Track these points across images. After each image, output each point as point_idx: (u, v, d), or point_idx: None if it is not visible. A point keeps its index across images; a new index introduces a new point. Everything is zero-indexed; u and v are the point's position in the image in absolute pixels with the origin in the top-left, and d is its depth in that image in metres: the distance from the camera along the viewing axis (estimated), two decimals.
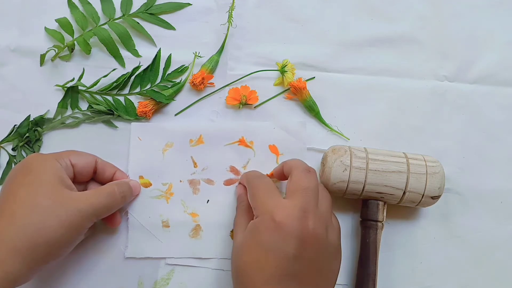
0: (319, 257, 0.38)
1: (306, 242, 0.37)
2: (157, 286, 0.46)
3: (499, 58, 0.53)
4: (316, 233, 0.38)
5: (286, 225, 0.37)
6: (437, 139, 0.51)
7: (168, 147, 0.49)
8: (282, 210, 0.38)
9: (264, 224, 0.38)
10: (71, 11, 0.51)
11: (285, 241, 0.37)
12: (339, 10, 0.53)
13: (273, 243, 0.37)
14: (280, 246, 0.37)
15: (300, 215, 0.38)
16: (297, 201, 0.39)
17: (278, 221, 0.37)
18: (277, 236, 0.37)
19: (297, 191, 0.40)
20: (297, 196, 0.39)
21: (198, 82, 0.49)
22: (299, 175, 0.41)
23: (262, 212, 0.39)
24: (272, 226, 0.38)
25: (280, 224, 0.37)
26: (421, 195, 0.44)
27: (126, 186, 0.45)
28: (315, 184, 0.40)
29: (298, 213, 0.38)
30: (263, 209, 0.39)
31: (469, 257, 0.48)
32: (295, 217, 0.38)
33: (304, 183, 0.40)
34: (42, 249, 0.37)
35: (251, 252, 0.38)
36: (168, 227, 0.47)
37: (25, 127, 0.49)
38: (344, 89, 0.51)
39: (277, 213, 0.38)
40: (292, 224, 0.37)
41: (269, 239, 0.37)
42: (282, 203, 0.39)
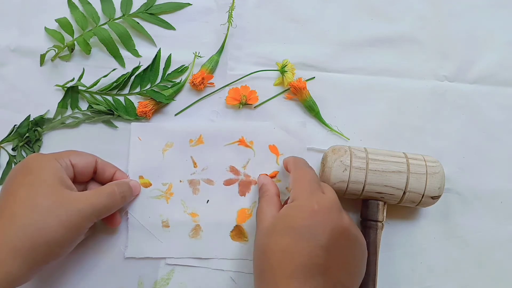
0: (348, 254, 0.38)
1: (340, 235, 0.38)
2: (157, 286, 0.46)
3: (499, 58, 0.53)
4: (350, 228, 0.39)
5: (323, 215, 0.38)
6: (437, 139, 0.51)
7: (168, 147, 0.49)
8: (322, 200, 0.39)
9: (301, 210, 0.38)
10: (71, 11, 0.51)
11: (320, 230, 0.37)
12: (339, 10, 0.53)
13: (308, 230, 0.37)
14: (314, 234, 0.37)
15: (338, 209, 0.39)
16: (333, 196, 0.40)
17: (317, 210, 0.38)
18: (313, 223, 0.37)
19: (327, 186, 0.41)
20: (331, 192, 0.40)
21: (198, 82, 0.49)
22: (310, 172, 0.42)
23: (302, 198, 0.39)
24: (309, 213, 0.38)
25: (318, 213, 0.38)
26: (421, 195, 0.44)
27: (126, 186, 0.45)
28: None
29: (337, 206, 0.39)
30: (303, 195, 0.39)
31: (469, 257, 0.48)
32: (334, 209, 0.39)
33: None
34: (42, 249, 0.37)
35: (283, 237, 0.37)
36: (168, 227, 0.47)
37: (25, 127, 0.49)
38: (344, 89, 0.51)
39: (317, 201, 0.38)
40: (330, 215, 0.38)
41: (303, 225, 0.37)
42: (322, 195, 0.40)
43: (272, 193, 0.44)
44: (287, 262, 0.36)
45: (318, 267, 0.36)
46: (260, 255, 0.39)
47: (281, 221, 0.39)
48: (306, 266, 0.36)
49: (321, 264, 0.36)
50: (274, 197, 0.44)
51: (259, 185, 0.47)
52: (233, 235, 0.47)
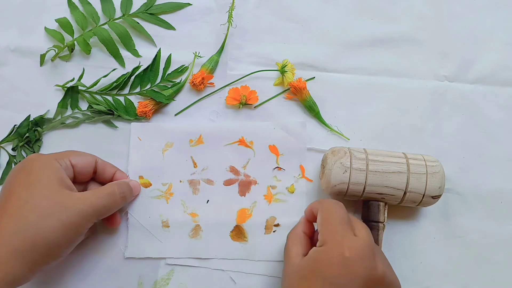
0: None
1: (374, 285, 0.35)
2: (157, 286, 0.46)
3: (499, 58, 0.53)
4: (385, 275, 0.36)
5: (355, 263, 0.35)
6: (437, 139, 0.51)
7: (168, 147, 0.49)
8: (354, 245, 0.36)
9: (331, 256, 0.36)
10: (71, 11, 0.51)
11: (352, 280, 0.35)
12: (339, 10, 0.53)
13: (338, 279, 0.35)
14: (346, 283, 0.35)
15: (372, 254, 0.36)
16: (366, 238, 0.37)
17: (348, 257, 0.35)
18: (344, 272, 0.35)
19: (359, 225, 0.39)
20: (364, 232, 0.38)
21: (198, 82, 0.49)
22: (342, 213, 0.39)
23: (331, 242, 0.37)
24: (340, 261, 0.35)
25: (350, 260, 0.35)
26: (421, 195, 0.44)
27: (126, 186, 0.45)
28: None
29: (369, 251, 0.36)
30: (333, 239, 0.37)
31: (469, 257, 0.48)
32: (366, 256, 0.36)
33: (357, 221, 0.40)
34: (42, 250, 0.37)
35: (311, 284, 0.35)
36: (168, 227, 0.47)
37: (25, 127, 0.49)
38: (344, 89, 0.51)
39: (348, 247, 0.36)
40: (362, 263, 0.35)
41: (334, 274, 0.35)
42: (354, 238, 0.37)
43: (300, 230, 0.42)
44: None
45: None
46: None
47: (310, 266, 0.37)
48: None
49: None
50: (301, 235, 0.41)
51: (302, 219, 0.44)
52: (233, 235, 0.47)
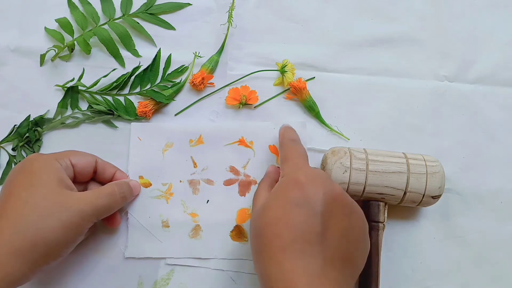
0: (345, 220, 0.36)
1: (334, 201, 0.36)
2: (157, 286, 0.46)
3: (499, 58, 0.53)
4: (343, 194, 0.37)
5: (313, 183, 0.37)
6: (437, 139, 0.51)
7: (168, 147, 0.49)
8: (309, 172, 0.39)
9: (291, 181, 0.38)
10: (71, 11, 0.51)
11: (312, 197, 0.36)
12: (339, 10, 0.53)
13: (300, 199, 0.36)
14: (307, 201, 0.36)
15: (327, 178, 0.39)
16: (322, 171, 0.41)
17: (305, 181, 0.37)
18: (305, 192, 0.36)
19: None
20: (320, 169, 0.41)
21: (198, 82, 0.49)
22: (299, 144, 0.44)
23: (290, 171, 0.40)
24: (299, 184, 0.37)
25: (308, 183, 0.37)
26: (421, 195, 0.44)
27: (126, 186, 0.45)
28: None
29: (325, 176, 0.39)
30: (290, 171, 0.40)
31: (469, 257, 0.48)
32: (323, 179, 0.38)
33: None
34: (42, 250, 0.37)
35: (277, 209, 0.37)
36: (168, 227, 0.47)
37: (25, 127, 0.49)
38: (344, 89, 0.51)
39: (304, 173, 0.38)
40: (319, 183, 0.37)
41: (295, 195, 0.36)
42: (309, 167, 0.41)
43: (271, 177, 0.45)
44: (283, 234, 0.35)
45: (315, 235, 0.35)
46: (255, 234, 0.37)
47: (273, 196, 0.38)
48: (303, 235, 0.35)
49: (318, 232, 0.35)
50: (273, 181, 0.44)
51: (267, 170, 0.47)
52: (233, 235, 0.47)
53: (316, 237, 0.35)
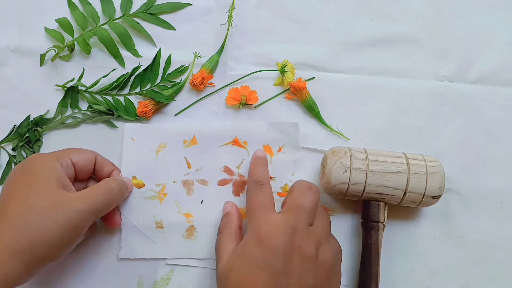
0: (307, 275, 0.37)
1: (293, 258, 0.37)
2: (156, 286, 0.46)
3: (499, 58, 0.53)
4: (302, 249, 0.37)
5: (271, 241, 0.37)
6: (437, 139, 0.50)
7: (161, 147, 0.49)
8: (270, 225, 0.38)
9: (252, 240, 0.38)
10: (71, 11, 0.51)
11: (272, 257, 0.37)
12: (339, 10, 0.53)
13: (261, 259, 0.37)
14: (268, 261, 0.36)
15: (287, 231, 0.38)
16: (287, 217, 0.39)
17: (264, 237, 0.38)
18: (265, 252, 0.37)
19: (290, 208, 0.40)
20: (289, 213, 0.39)
21: (198, 82, 0.49)
22: (297, 192, 0.41)
23: (251, 227, 0.40)
24: (259, 241, 0.38)
25: (266, 240, 0.37)
26: (421, 195, 0.44)
27: (121, 182, 0.45)
28: (312, 202, 0.40)
29: (286, 229, 0.38)
30: (252, 223, 0.40)
31: (469, 257, 0.48)
32: (282, 233, 0.38)
33: (299, 200, 0.40)
34: (40, 250, 0.37)
35: (240, 270, 0.37)
36: (162, 227, 0.47)
37: (25, 127, 0.49)
38: (344, 89, 0.51)
39: (264, 228, 0.38)
40: (278, 240, 0.37)
41: (257, 255, 0.37)
42: (272, 218, 0.39)
43: (234, 226, 0.43)
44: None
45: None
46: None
47: (236, 257, 0.39)
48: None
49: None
50: (237, 231, 0.43)
51: (224, 212, 0.46)
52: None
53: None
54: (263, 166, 0.46)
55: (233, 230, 0.43)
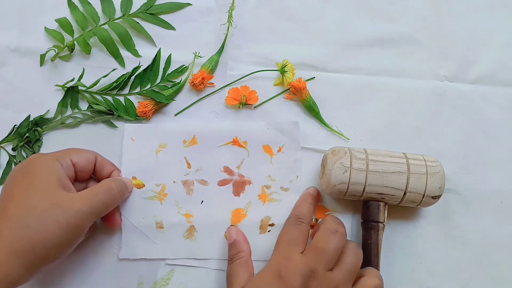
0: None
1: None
2: (156, 286, 0.46)
3: (499, 58, 0.53)
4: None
5: (289, 279, 0.37)
6: (437, 139, 0.50)
7: (161, 148, 0.49)
8: (291, 263, 0.39)
9: (271, 274, 0.39)
10: (71, 11, 0.51)
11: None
12: (339, 10, 0.53)
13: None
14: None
15: (305, 273, 0.38)
16: (307, 258, 0.39)
17: (283, 274, 0.38)
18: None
19: (312, 249, 0.40)
20: (310, 253, 0.39)
21: (198, 82, 0.49)
22: (322, 234, 0.40)
23: (275, 260, 0.40)
24: (278, 277, 0.38)
25: (284, 278, 0.38)
26: (421, 195, 0.44)
27: (121, 182, 0.45)
28: (335, 246, 0.40)
29: (304, 270, 0.38)
30: (277, 257, 0.40)
31: (469, 257, 0.48)
32: (300, 274, 0.38)
33: (322, 243, 0.40)
34: (40, 251, 0.37)
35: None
36: (162, 228, 0.47)
37: (25, 127, 0.49)
38: (344, 89, 0.51)
39: (285, 264, 0.39)
40: (295, 280, 0.37)
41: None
42: (295, 256, 0.39)
43: (245, 255, 0.43)
44: None
45: None
46: None
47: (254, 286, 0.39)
48: None
49: None
50: (248, 259, 0.43)
51: (230, 240, 0.45)
52: None
53: None
54: (311, 206, 0.46)
55: (245, 260, 0.43)
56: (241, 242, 0.45)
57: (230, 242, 0.45)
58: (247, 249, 0.44)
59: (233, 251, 0.44)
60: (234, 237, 0.45)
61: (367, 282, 0.40)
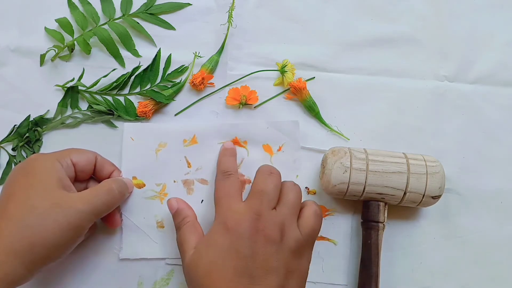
0: (271, 258, 0.38)
1: (257, 242, 0.38)
2: (156, 286, 0.46)
3: (499, 58, 0.53)
4: (266, 233, 0.38)
5: (237, 227, 0.38)
6: (437, 139, 0.51)
7: (161, 147, 0.49)
8: (235, 212, 0.40)
9: (219, 228, 0.39)
10: (71, 11, 0.51)
11: (238, 242, 0.38)
12: (339, 10, 0.53)
13: (228, 245, 0.38)
14: (235, 247, 0.38)
15: (251, 217, 0.39)
16: (250, 204, 0.40)
17: (230, 224, 0.39)
18: (232, 238, 0.38)
19: (253, 194, 0.41)
20: (251, 199, 0.41)
21: (198, 82, 0.49)
22: (258, 178, 0.42)
23: (218, 216, 0.41)
24: (225, 229, 0.39)
25: (232, 227, 0.39)
26: (421, 195, 0.44)
27: (121, 182, 0.45)
28: (273, 186, 0.41)
29: (249, 215, 0.39)
30: (219, 212, 0.41)
31: (469, 257, 0.48)
32: (246, 219, 0.39)
33: (260, 186, 0.41)
34: (40, 251, 0.37)
35: (209, 256, 0.38)
36: (163, 227, 0.47)
37: (25, 127, 0.49)
38: (344, 89, 0.51)
39: (230, 215, 0.40)
40: (243, 226, 0.38)
41: (224, 242, 0.38)
42: (237, 206, 0.40)
43: (192, 219, 0.43)
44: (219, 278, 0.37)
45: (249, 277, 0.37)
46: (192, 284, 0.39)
47: (205, 244, 0.40)
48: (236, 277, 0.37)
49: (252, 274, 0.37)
50: (195, 223, 0.43)
51: (172, 211, 0.44)
52: None
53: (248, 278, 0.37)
54: (231, 157, 0.47)
55: (191, 223, 0.43)
56: (184, 208, 0.44)
57: (173, 212, 0.44)
58: (192, 213, 0.44)
59: (179, 219, 0.43)
60: (176, 206, 0.44)
61: (307, 211, 0.42)
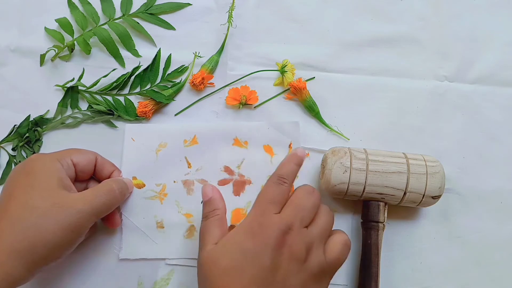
0: (293, 276, 0.37)
1: (281, 255, 0.36)
2: (156, 286, 0.46)
3: (499, 58, 0.53)
4: (293, 250, 0.37)
5: (264, 234, 0.37)
6: (437, 139, 0.51)
7: (161, 147, 0.49)
8: (267, 219, 0.38)
9: (246, 230, 0.38)
10: (71, 11, 0.51)
11: (262, 251, 0.36)
12: (339, 10, 0.53)
13: (251, 251, 0.36)
14: (258, 255, 0.36)
15: (281, 228, 0.37)
16: (285, 215, 0.38)
17: (258, 229, 0.37)
18: (256, 244, 0.36)
19: (289, 206, 0.39)
20: (287, 211, 0.39)
21: (198, 82, 0.49)
22: (299, 193, 0.40)
23: (251, 216, 0.39)
24: (252, 233, 0.37)
25: (259, 233, 0.37)
26: (421, 195, 0.44)
27: (122, 182, 0.45)
28: (312, 204, 0.40)
29: (280, 225, 0.37)
30: (253, 213, 0.39)
31: (469, 257, 0.48)
32: (275, 228, 0.37)
33: (300, 200, 0.40)
34: (40, 251, 0.37)
35: (229, 259, 0.37)
36: (163, 227, 0.47)
37: (25, 127, 0.49)
38: (344, 89, 0.51)
39: (261, 221, 0.38)
40: (270, 234, 0.37)
41: (248, 246, 0.37)
42: (271, 214, 0.38)
43: (222, 213, 0.42)
44: (236, 282, 0.35)
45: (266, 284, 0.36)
46: (204, 278, 0.37)
47: (228, 243, 0.38)
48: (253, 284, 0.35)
49: (267, 287, 0.36)
50: (223, 217, 0.41)
51: (205, 198, 0.42)
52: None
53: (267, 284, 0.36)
54: (295, 166, 0.42)
55: (219, 218, 0.41)
56: (217, 199, 0.42)
57: (206, 200, 0.42)
58: (223, 207, 0.42)
59: (208, 209, 0.42)
60: (210, 195, 0.42)
61: (336, 238, 0.40)
